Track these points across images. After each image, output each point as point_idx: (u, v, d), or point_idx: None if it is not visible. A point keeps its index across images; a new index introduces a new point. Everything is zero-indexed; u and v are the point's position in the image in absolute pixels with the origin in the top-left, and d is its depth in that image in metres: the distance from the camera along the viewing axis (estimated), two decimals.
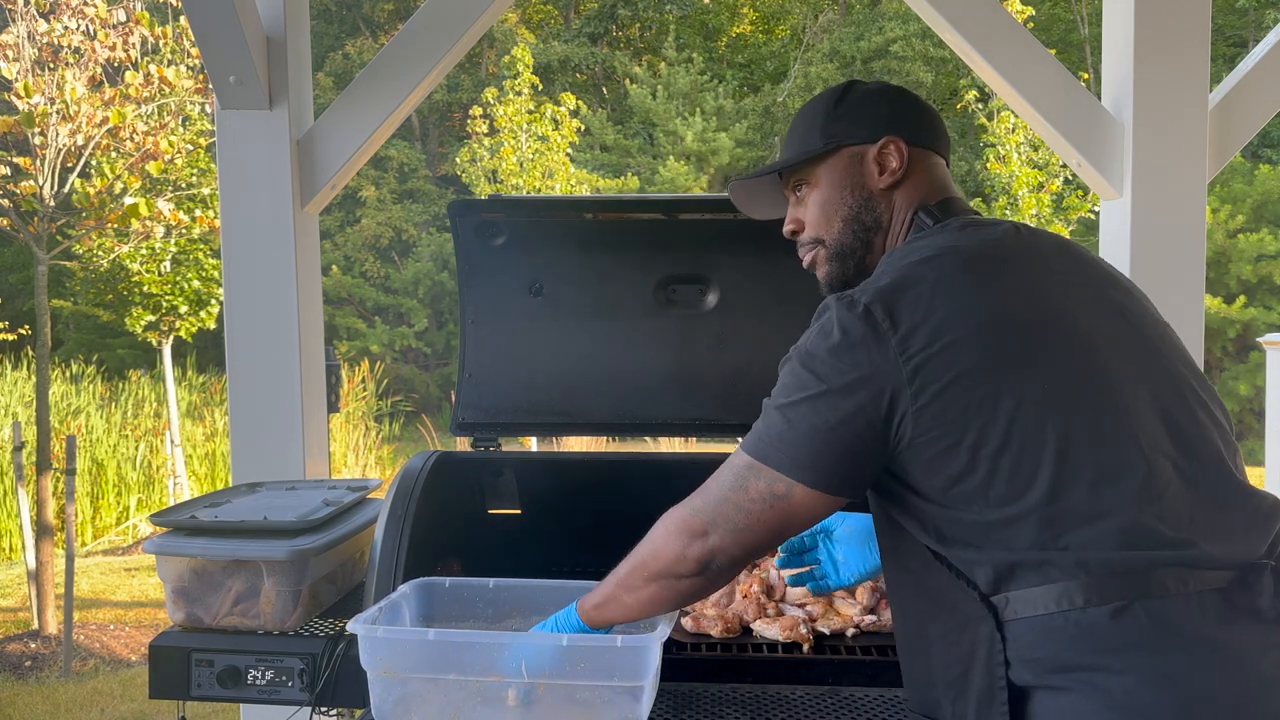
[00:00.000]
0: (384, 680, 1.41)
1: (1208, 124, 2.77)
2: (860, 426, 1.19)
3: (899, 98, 1.46)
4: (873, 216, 1.41)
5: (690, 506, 1.32)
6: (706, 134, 20.37)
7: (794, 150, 1.47)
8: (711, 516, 1.28)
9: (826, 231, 1.44)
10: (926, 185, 1.41)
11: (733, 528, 1.26)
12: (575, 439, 7.71)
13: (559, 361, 2.45)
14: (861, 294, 1.23)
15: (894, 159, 1.40)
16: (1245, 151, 16.58)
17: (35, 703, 5.16)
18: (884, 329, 1.19)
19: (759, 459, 1.25)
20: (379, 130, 2.91)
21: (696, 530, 1.28)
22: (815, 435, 1.21)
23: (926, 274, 1.24)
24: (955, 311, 1.19)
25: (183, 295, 8.70)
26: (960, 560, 1.20)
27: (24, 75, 6.30)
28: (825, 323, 1.24)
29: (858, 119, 1.43)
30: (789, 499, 1.23)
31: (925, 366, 1.17)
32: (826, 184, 1.44)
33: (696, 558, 1.28)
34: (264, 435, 2.87)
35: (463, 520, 2.33)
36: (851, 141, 1.42)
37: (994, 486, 1.16)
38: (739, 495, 1.26)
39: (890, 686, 1.71)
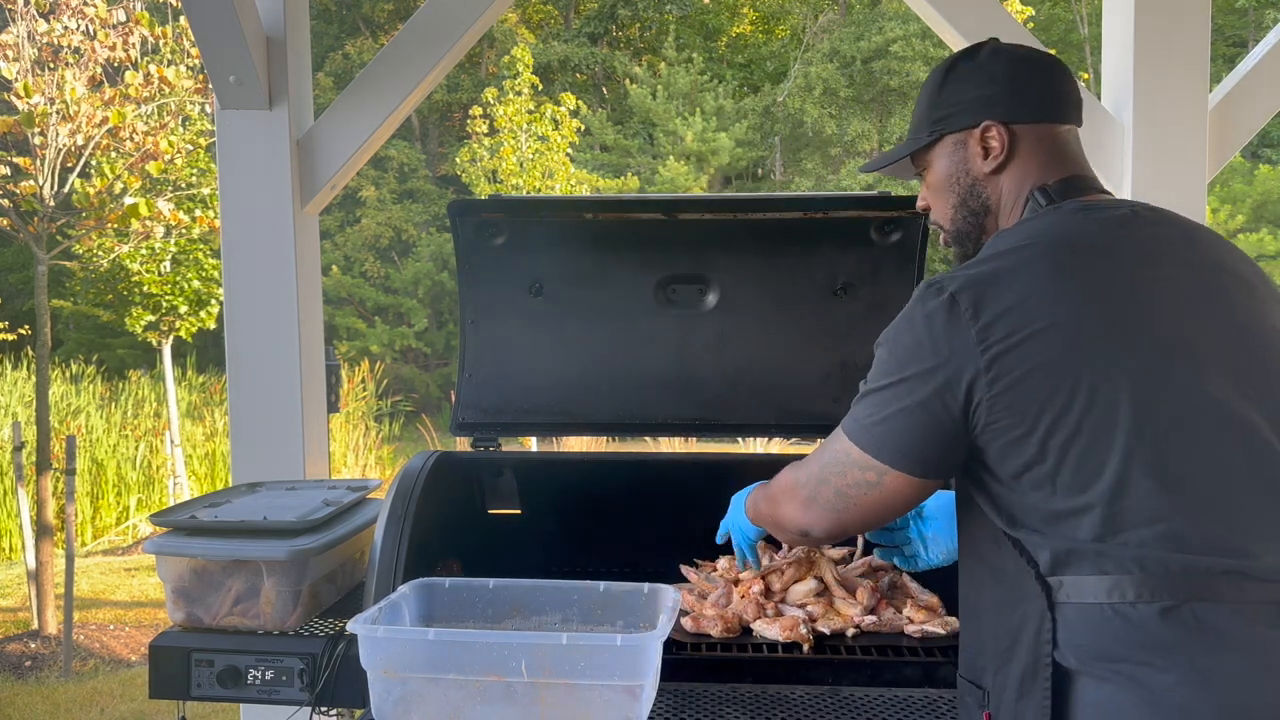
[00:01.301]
0: (384, 680, 1.41)
1: (1207, 124, 2.77)
2: (939, 412, 1.21)
3: (1005, 72, 1.39)
4: (979, 201, 1.41)
5: (798, 474, 1.38)
6: (706, 134, 20.37)
7: (911, 132, 1.48)
8: (813, 492, 1.34)
9: (943, 216, 1.47)
10: (1039, 163, 1.37)
11: (830, 509, 1.33)
12: (575, 439, 7.71)
13: (559, 361, 2.45)
14: (950, 280, 1.24)
15: (995, 143, 1.37)
16: (1245, 152, 16.58)
17: (35, 703, 5.16)
18: (965, 317, 1.20)
19: (854, 442, 1.28)
20: (379, 130, 2.91)
21: (800, 500, 1.36)
22: (899, 420, 1.24)
23: (1017, 262, 1.24)
24: (1039, 303, 1.19)
25: (183, 295, 8.71)
26: (1024, 540, 1.22)
27: (24, 75, 6.30)
28: (912, 308, 1.26)
29: (959, 103, 1.40)
30: (881, 485, 1.27)
31: (1003, 357, 1.17)
32: (937, 171, 1.45)
33: (798, 527, 1.38)
34: (264, 435, 2.87)
35: (463, 520, 2.33)
36: (953, 129, 1.41)
37: (1061, 476, 1.17)
38: (838, 479, 1.31)
39: (890, 686, 1.71)
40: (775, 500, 1.45)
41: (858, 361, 2.39)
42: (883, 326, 2.37)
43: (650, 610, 1.62)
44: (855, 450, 1.28)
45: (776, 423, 2.44)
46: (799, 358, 2.40)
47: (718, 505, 2.37)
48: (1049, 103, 1.39)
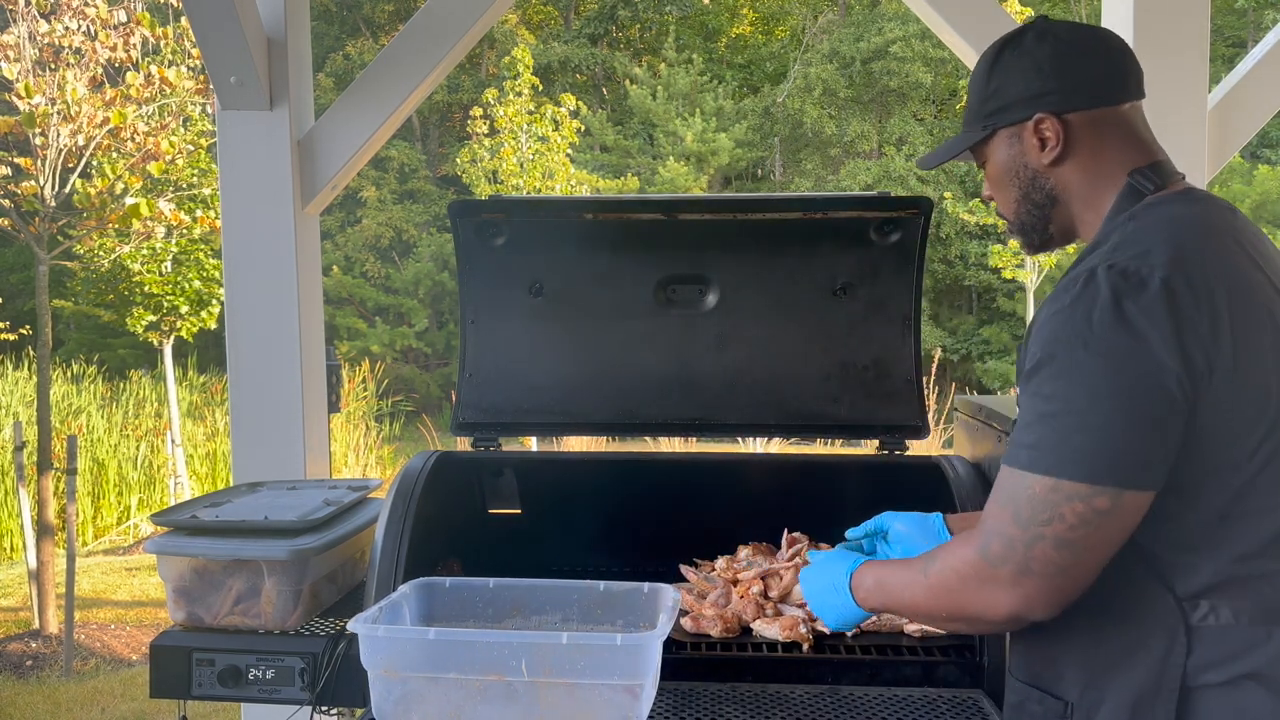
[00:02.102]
0: (384, 679, 1.41)
1: (1206, 124, 2.78)
2: (1180, 410, 1.09)
3: (1054, 58, 1.31)
4: (1043, 193, 1.35)
5: (987, 549, 1.15)
6: (706, 134, 20.38)
7: (965, 125, 1.43)
8: (1023, 562, 1.12)
9: (1005, 208, 1.41)
10: (1110, 147, 1.31)
11: (1054, 570, 1.11)
12: (575, 439, 7.71)
13: (559, 361, 2.45)
14: (1143, 267, 1.12)
15: (1050, 135, 1.31)
16: (1244, 152, 16.59)
17: (36, 702, 5.16)
18: (1188, 300, 1.09)
19: (1065, 476, 1.09)
20: (379, 131, 2.91)
21: (1004, 579, 1.13)
22: (1137, 432, 1.09)
23: (1203, 244, 1.16)
24: (1248, 291, 1.14)
25: (183, 295, 8.71)
26: (1162, 564, 1.14)
27: (25, 76, 6.30)
28: (1108, 302, 1.10)
29: (1008, 95, 1.34)
30: (1118, 511, 1.09)
31: (1237, 348, 1.10)
32: (995, 164, 1.39)
33: (1010, 613, 1.14)
34: (265, 435, 2.88)
35: (463, 520, 2.33)
36: (1005, 123, 1.35)
37: (1263, 476, 1.11)
38: (1054, 527, 1.10)
39: (890, 685, 1.72)
40: (950, 590, 1.19)
41: (857, 361, 2.39)
42: (883, 326, 2.40)
43: (650, 610, 1.62)
44: (1068, 485, 1.09)
45: (776, 423, 2.44)
46: (799, 358, 2.41)
47: (718, 505, 2.39)
48: (1103, 85, 1.31)
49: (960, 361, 18.73)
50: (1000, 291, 18.22)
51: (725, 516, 2.34)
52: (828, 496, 2.34)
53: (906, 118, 21.08)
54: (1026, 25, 1.37)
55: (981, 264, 17.76)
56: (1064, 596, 1.13)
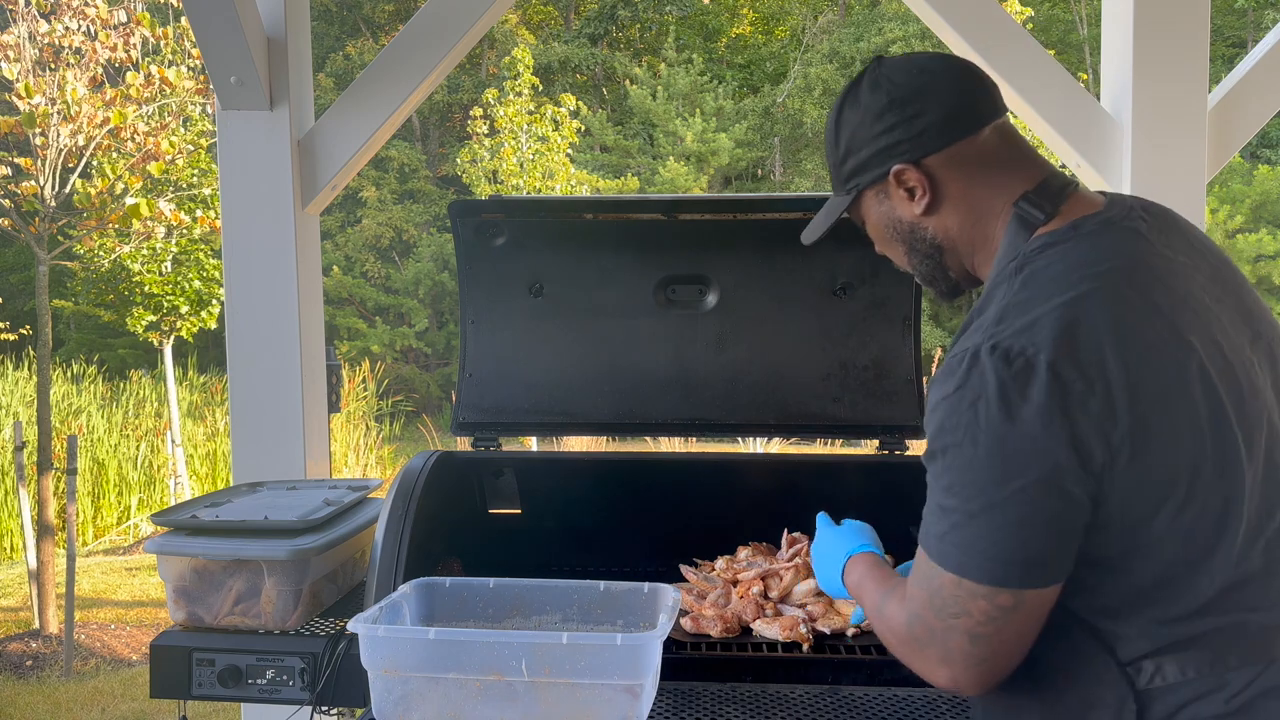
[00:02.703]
0: (385, 679, 1.41)
1: (1206, 124, 2.78)
2: (1080, 504, 1.05)
3: (891, 106, 1.24)
4: (926, 243, 1.28)
5: (913, 629, 1.14)
6: (706, 134, 20.38)
7: (833, 189, 1.38)
8: (944, 650, 1.11)
9: (899, 261, 1.35)
10: (983, 180, 1.22)
11: (974, 661, 1.09)
12: (575, 439, 7.71)
13: (559, 361, 2.45)
14: (1028, 346, 1.05)
15: (914, 184, 1.24)
16: (1244, 152, 16.59)
17: (36, 702, 5.16)
18: (1078, 388, 1.03)
19: (969, 576, 1.06)
20: (380, 131, 2.91)
21: (932, 661, 1.13)
22: (1035, 531, 1.04)
23: (1093, 308, 1.07)
24: (1147, 355, 1.06)
25: (184, 295, 8.71)
26: (1104, 630, 1.11)
27: (25, 76, 6.30)
28: (995, 392, 1.04)
29: (860, 155, 1.27)
30: (1021, 608, 1.07)
31: (1137, 427, 1.04)
32: (872, 223, 1.34)
33: (946, 686, 1.13)
34: (265, 435, 2.88)
35: (463, 520, 2.33)
36: (867, 183, 1.28)
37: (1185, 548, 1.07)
38: (966, 622, 1.08)
39: (890, 685, 1.72)
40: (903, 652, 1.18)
41: (858, 361, 2.39)
42: (883, 326, 2.40)
43: (650, 610, 1.62)
44: (970, 584, 1.06)
45: (776, 423, 2.45)
46: (799, 358, 2.41)
47: (717, 505, 2.39)
48: (951, 120, 1.22)
49: None
50: None
51: (725, 516, 2.34)
52: (828, 497, 2.34)
53: None
54: (861, 73, 1.29)
55: None
56: (990, 679, 1.11)
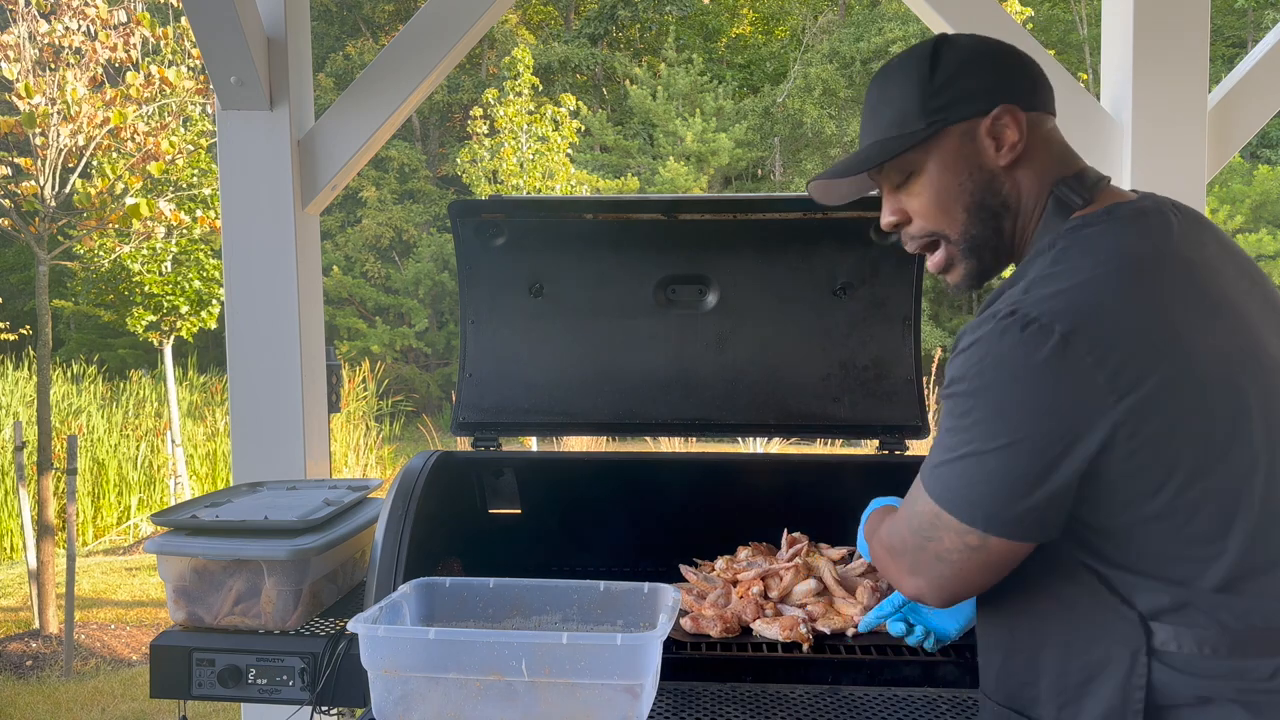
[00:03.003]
0: (385, 679, 1.41)
1: (1206, 124, 2.77)
2: (1064, 474, 1.07)
3: (1001, 56, 1.23)
4: (999, 199, 1.23)
5: (890, 543, 1.23)
6: (706, 134, 20.38)
7: (883, 132, 1.25)
8: (914, 561, 1.19)
9: (948, 225, 1.26)
10: (1051, 155, 1.23)
11: (936, 576, 1.17)
12: (575, 439, 7.71)
13: (559, 361, 2.45)
14: (1046, 315, 1.06)
15: (1012, 131, 1.20)
16: (1244, 152, 16.59)
17: (36, 702, 5.16)
18: (1086, 362, 1.04)
19: (946, 509, 1.13)
20: (380, 131, 2.91)
21: (904, 569, 1.21)
22: (1012, 487, 1.09)
23: (1120, 288, 1.09)
24: (1165, 339, 1.06)
25: (184, 295, 8.71)
26: (1121, 581, 1.12)
27: (25, 76, 6.30)
28: (1009, 352, 1.07)
29: (961, 88, 1.21)
30: (985, 550, 1.13)
31: (1140, 407, 1.04)
32: (938, 169, 1.23)
33: (911, 594, 1.22)
34: (265, 435, 2.88)
35: (463, 520, 2.33)
36: (959, 118, 1.21)
37: (1191, 527, 1.08)
38: (935, 545, 1.16)
39: (890, 686, 1.72)
40: (878, 557, 1.30)
41: (858, 361, 2.39)
42: (883, 326, 2.40)
43: (650, 610, 1.62)
44: (947, 516, 1.13)
45: (776, 423, 2.45)
46: (799, 358, 2.41)
47: (717, 505, 2.39)
48: (1047, 93, 1.25)
49: None
50: None
51: (725, 516, 2.34)
52: (828, 496, 2.34)
53: None
54: (946, 35, 1.29)
55: None
56: (949, 597, 1.19)
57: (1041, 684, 1.20)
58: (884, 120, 1.26)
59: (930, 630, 1.56)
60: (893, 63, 1.28)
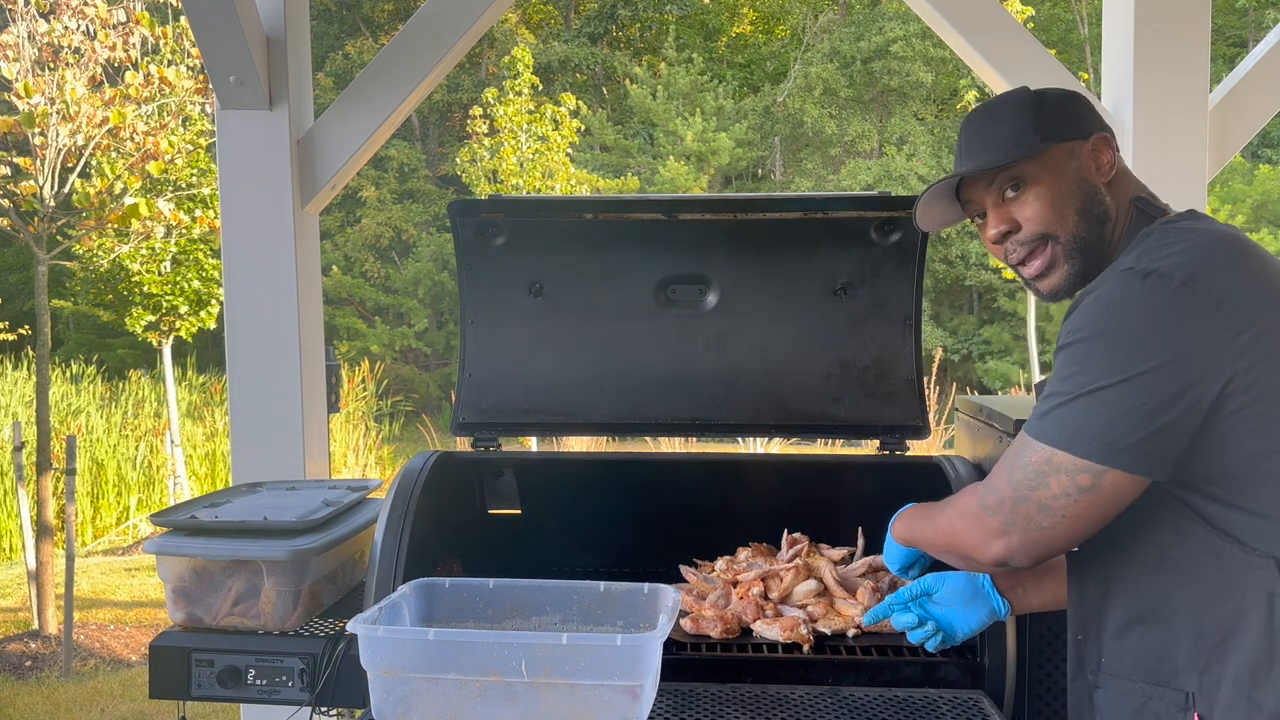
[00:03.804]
0: (384, 680, 1.41)
1: (1207, 124, 2.77)
2: (1186, 406, 1.16)
3: (1083, 101, 1.47)
4: (1101, 209, 1.40)
5: (984, 499, 1.28)
6: (706, 134, 20.38)
7: (998, 150, 1.41)
8: (1010, 516, 1.24)
9: (1060, 226, 1.40)
10: (1129, 179, 1.44)
11: (1035, 528, 1.22)
12: (575, 439, 7.71)
13: (559, 361, 2.45)
14: (1165, 267, 1.19)
15: (1107, 155, 1.41)
16: (1245, 152, 16.60)
17: (35, 703, 5.16)
18: (1206, 303, 1.16)
19: (1060, 448, 1.20)
20: (379, 130, 2.91)
21: (994, 529, 1.25)
22: (1133, 418, 1.16)
23: (1227, 253, 1.22)
24: (1271, 296, 1.19)
25: (183, 295, 8.71)
26: (1247, 529, 1.19)
27: (24, 75, 6.30)
28: (1131, 297, 1.19)
29: (1067, 114, 1.42)
30: (1099, 489, 1.19)
31: (1258, 342, 1.16)
32: (1052, 178, 1.40)
33: (995, 558, 1.26)
34: (264, 435, 2.88)
35: (463, 520, 2.33)
36: (1067, 137, 1.41)
37: None
38: (1040, 493, 1.21)
39: (890, 686, 1.72)
40: (954, 529, 1.34)
41: (858, 361, 2.39)
42: (883, 326, 2.40)
43: (650, 610, 1.62)
44: (1061, 455, 1.19)
45: (776, 423, 2.44)
46: (799, 358, 2.40)
47: (717, 505, 2.38)
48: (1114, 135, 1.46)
49: (961, 361, 18.73)
50: (1001, 291, 18.21)
51: (725, 517, 2.34)
52: (828, 497, 2.34)
53: (907, 117, 21.08)
54: None
55: (982, 264, 17.76)
56: (1042, 552, 1.25)
57: (1180, 651, 1.24)
58: (999, 139, 1.42)
59: (940, 627, 1.57)
60: (993, 102, 1.47)
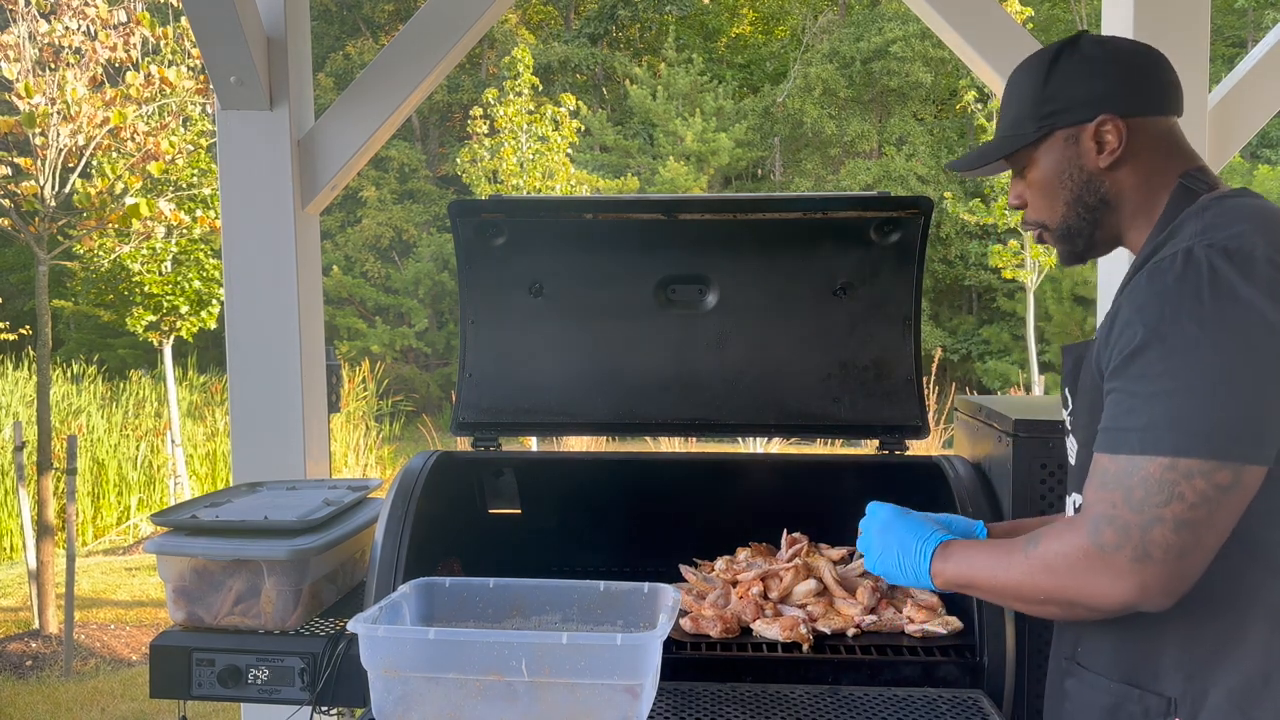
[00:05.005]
0: (385, 679, 1.41)
1: (1207, 124, 2.77)
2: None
3: (1114, 64, 1.34)
4: (1097, 196, 1.34)
5: (1099, 537, 1.13)
6: (706, 134, 20.38)
7: (1005, 129, 1.40)
8: (1140, 547, 1.09)
9: (1049, 215, 1.39)
10: (1163, 155, 1.34)
11: (1176, 554, 1.09)
12: (575, 439, 7.71)
13: (559, 361, 2.45)
14: (1245, 245, 1.13)
15: (1112, 138, 1.32)
16: (1244, 152, 16.59)
17: (36, 702, 5.16)
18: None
19: (1184, 455, 1.08)
20: (379, 130, 2.91)
21: (1122, 568, 1.10)
22: (1261, 405, 1.08)
23: None
24: None
25: (183, 295, 8.72)
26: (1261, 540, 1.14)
27: (25, 75, 6.30)
28: (1221, 276, 1.11)
29: (1069, 96, 1.34)
30: (1238, 486, 1.09)
31: None
32: (1044, 167, 1.37)
33: (1129, 601, 1.12)
34: (264, 435, 2.88)
35: (463, 520, 2.33)
36: (1064, 123, 1.34)
37: None
38: (1174, 508, 1.08)
39: (890, 686, 1.72)
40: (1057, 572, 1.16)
41: (858, 361, 2.39)
42: (883, 326, 2.40)
43: (650, 610, 1.62)
44: (1186, 462, 1.08)
45: (776, 423, 2.44)
46: (799, 358, 2.40)
47: (718, 505, 2.39)
48: (1161, 94, 1.35)
49: (960, 361, 18.74)
50: (1000, 291, 18.22)
51: (725, 516, 2.34)
52: (828, 497, 2.34)
53: (906, 117, 21.09)
54: (1078, 35, 1.38)
55: (982, 264, 17.76)
56: (1183, 583, 1.11)
57: (1165, 658, 1.19)
58: (1007, 118, 1.41)
59: None
60: (1027, 60, 1.41)
